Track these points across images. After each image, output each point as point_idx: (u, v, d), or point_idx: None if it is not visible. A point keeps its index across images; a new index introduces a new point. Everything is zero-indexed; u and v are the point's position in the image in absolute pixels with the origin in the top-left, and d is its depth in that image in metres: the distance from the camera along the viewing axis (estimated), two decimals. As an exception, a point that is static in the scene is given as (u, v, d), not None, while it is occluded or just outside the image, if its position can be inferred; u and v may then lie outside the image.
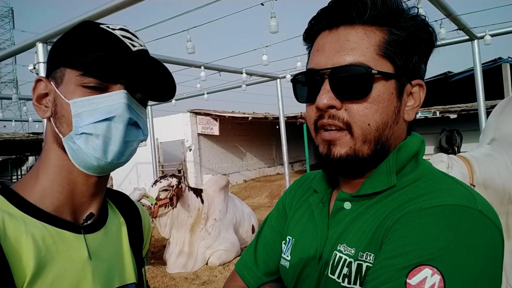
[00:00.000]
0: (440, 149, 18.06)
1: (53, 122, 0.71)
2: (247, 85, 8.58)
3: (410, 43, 0.68)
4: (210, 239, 5.31)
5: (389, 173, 0.69)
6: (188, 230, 5.22)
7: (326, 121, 0.68)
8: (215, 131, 13.73)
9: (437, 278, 0.53)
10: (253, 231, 6.22)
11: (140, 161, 13.13)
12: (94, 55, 0.66)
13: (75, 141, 0.68)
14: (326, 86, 0.68)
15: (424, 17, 0.71)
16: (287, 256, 0.82)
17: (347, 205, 0.73)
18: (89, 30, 0.72)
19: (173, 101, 9.85)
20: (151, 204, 4.85)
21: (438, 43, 0.72)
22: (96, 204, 0.76)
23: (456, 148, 17.55)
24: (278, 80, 7.91)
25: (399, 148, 0.71)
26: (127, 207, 0.88)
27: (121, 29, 0.73)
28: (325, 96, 0.67)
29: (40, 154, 0.75)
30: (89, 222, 0.74)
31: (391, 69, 0.68)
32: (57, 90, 0.70)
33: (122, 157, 0.71)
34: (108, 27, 0.72)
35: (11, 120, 13.73)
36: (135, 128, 0.72)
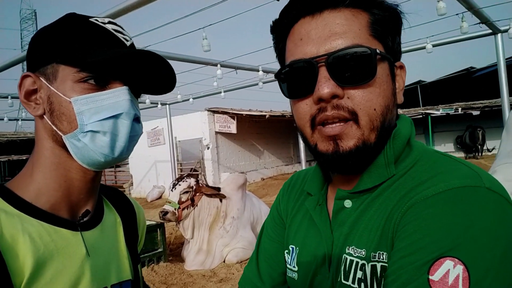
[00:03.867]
0: (463, 146, 17.68)
1: (48, 120, 0.69)
2: (264, 82, 8.57)
3: (392, 23, 0.66)
4: (228, 237, 5.33)
5: (388, 164, 0.65)
6: (207, 228, 5.27)
7: (330, 114, 0.61)
8: (233, 129, 13.78)
9: (460, 268, 0.49)
10: (270, 229, 6.22)
11: (159, 160, 13.32)
12: (101, 52, 0.65)
13: (81, 139, 0.67)
14: (324, 74, 0.61)
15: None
16: (294, 266, 0.77)
17: (348, 203, 0.69)
18: (80, 24, 0.69)
19: (191, 99, 9.93)
20: (175, 209, 4.94)
21: (460, 37, 0.70)
22: (92, 201, 0.75)
23: (479, 146, 17.13)
24: (295, 77, 7.86)
25: (394, 137, 0.66)
26: (122, 204, 0.87)
27: (109, 22, 0.72)
28: (327, 85, 0.60)
29: (32, 152, 0.73)
30: (85, 219, 0.73)
31: (383, 49, 0.64)
32: (51, 87, 0.67)
33: (127, 152, 0.71)
34: (97, 20, 0.71)
35: (34, 120, 14.08)
36: (137, 123, 0.73)
